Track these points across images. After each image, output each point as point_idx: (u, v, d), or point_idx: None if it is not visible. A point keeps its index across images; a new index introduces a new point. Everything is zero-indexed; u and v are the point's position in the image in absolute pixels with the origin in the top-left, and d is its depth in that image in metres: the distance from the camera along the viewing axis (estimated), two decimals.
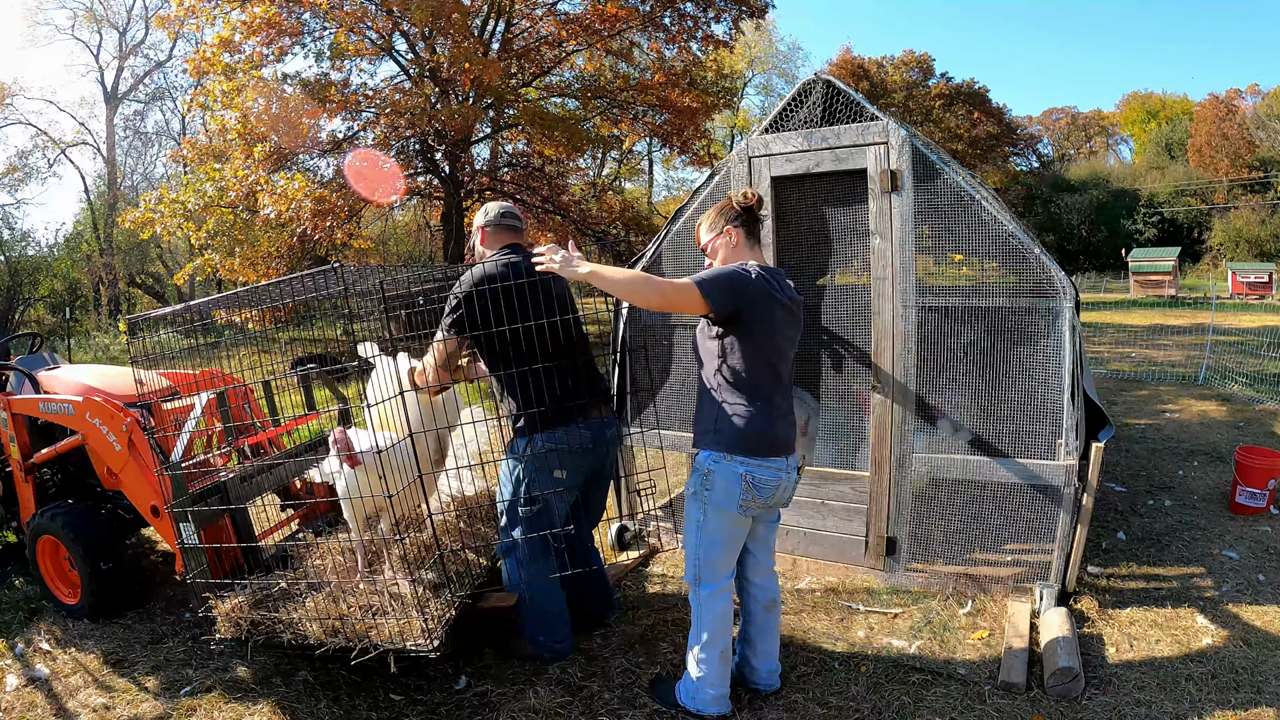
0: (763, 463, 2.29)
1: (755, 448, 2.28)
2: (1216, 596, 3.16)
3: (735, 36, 16.01)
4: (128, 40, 27.27)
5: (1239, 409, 6.51)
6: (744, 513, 2.33)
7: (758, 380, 2.30)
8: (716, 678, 2.43)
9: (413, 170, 14.17)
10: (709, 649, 2.41)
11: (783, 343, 2.34)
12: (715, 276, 2.26)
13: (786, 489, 2.39)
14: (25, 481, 3.58)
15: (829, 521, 3.52)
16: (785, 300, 2.31)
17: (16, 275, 23.09)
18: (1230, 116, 32.37)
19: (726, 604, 2.44)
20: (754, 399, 2.29)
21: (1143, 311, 15.97)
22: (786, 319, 2.32)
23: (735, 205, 2.40)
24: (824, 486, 3.45)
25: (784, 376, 2.38)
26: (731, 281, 2.24)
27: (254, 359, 3.56)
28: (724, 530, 2.36)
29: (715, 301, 2.21)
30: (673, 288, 2.22)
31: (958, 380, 3.51)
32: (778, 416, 2.34)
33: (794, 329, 2.38)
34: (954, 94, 32.59)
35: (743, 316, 2.25)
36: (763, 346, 2.29)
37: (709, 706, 2.44)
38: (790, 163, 3.33)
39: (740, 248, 2.39)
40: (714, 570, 2.40)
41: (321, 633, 2.45)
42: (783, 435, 2.35)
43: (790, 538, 3.55)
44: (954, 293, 3.32)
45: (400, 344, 2.82)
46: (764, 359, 2.30)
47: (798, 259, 3.78)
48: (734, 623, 2.56)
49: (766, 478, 2.30)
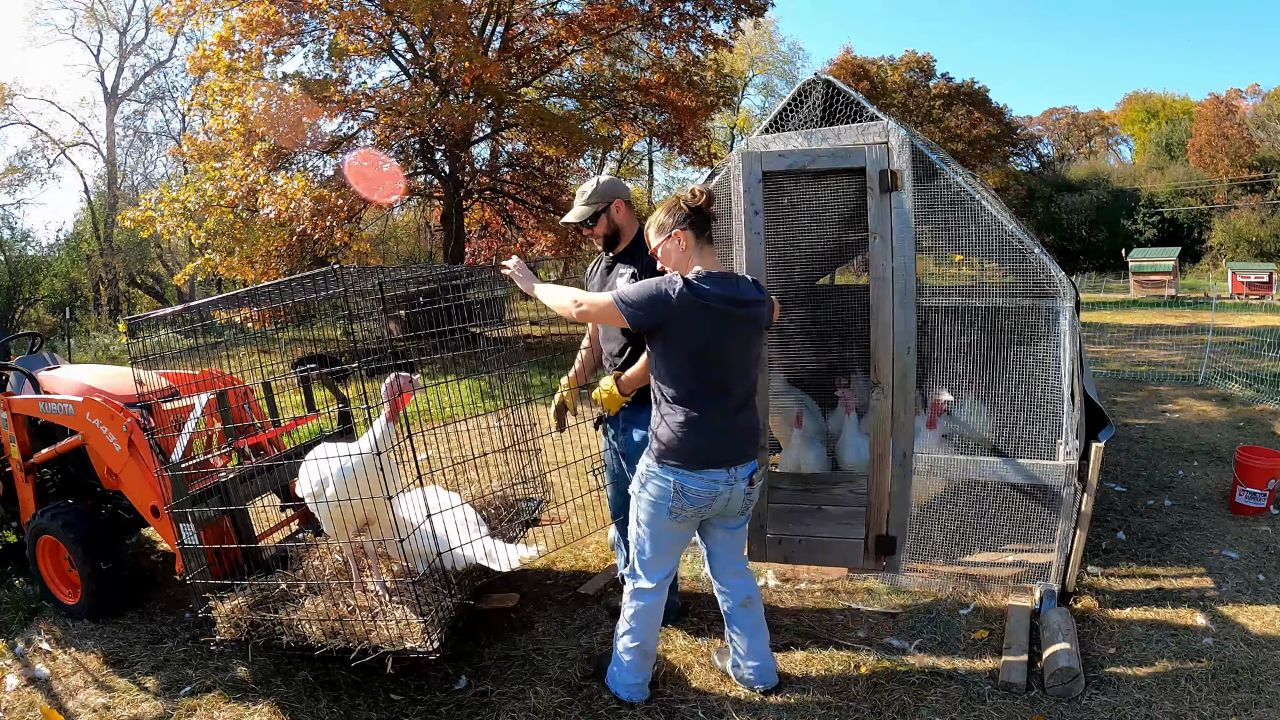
0: (694, 474, 2.29)
1: (686, 459, 2.29)
2: (1216, 596, 3.16)
3: (735, 35, 16.01)
4: (128, 40, 27.27)
5: (1239, 409, 6.51)
6: (675, 519, 2.36)
7: (692, 391, 2.28)
8: (635, 669, 2.55)
9: (413, 170, 14.17)
10: (630, 641, 2.52)
11: (726, 351, 2.28)
12: (634, 293, 2.25)
13: (729, 500, 2.36)
14: (25, 481, 3.58)
15: (826, 527, 3.50)
16: (726, 307, 2.25)
17: (16, 275, 23.10)
18: (1230, 116, 32.36)
19: (653, 604, 2.49)
20: (687, 410, 2.28)
21: (1143, 311, 15.97)
22: (730, 325, 2.26)
23: (683, 205, 2.34)
24: (820, 492, 3.42)
25: (728, 385, 2.31)
26: (650, 299, 2.23)
27: (254, 359, 3.56)
28: (656, 532, 2.42)
29: (632, 318, 2.24)
30: (593, 304, 2.34)
31: (957, 380, 3.51)
32: (715, 428, 2.29)
33: (744, 337, 2.31)
34: (954, 94, 32.57)
35: (667, 331, 2.24)
36: (695, 357, 2.25)
37: (623, 691, 2.58)
38: (787, 160, 3.32)
39: (689, 251, 2.33)
40: (647, 568, 2.48)
41: (321, 634, 2.45)
42: (720, 447, 2.31)
43: (784, 546, 3.47)
44: (954, 293, 3.32)
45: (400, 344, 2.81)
46: (698, 369, 2.27)
47: (797, 259, 3.78)
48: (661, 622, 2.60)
49: (697, 489, 2.30)
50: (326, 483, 2.59)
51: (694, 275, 2.28)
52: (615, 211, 2.78)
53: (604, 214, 2.78)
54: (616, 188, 2.81)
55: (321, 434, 3.61)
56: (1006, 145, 34.66)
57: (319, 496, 2.62)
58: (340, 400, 3.74)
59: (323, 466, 2.62)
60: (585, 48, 14.80)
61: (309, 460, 2.72)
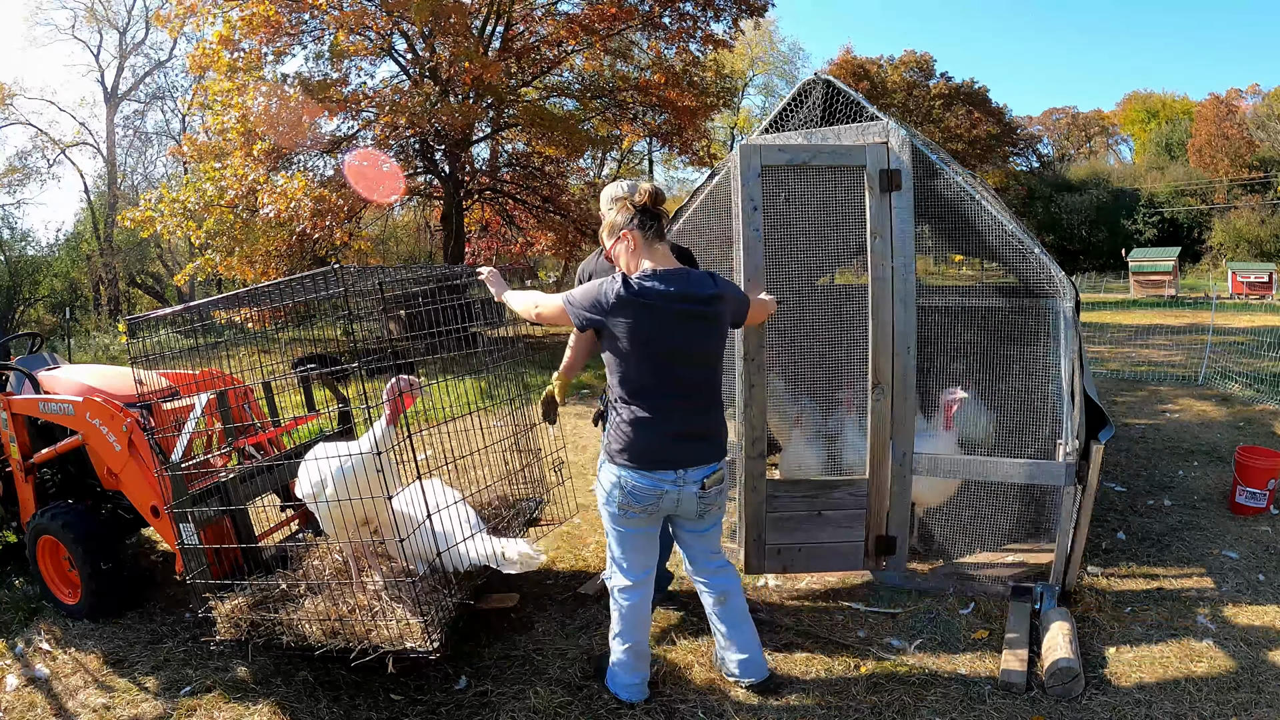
0: (639, 473, 2.31)
1: (632, 458, 2.31)
2: (1216, 596, 3.15)
3: (735, 35, 15.99)
4: (128, 40, 27.25)
5: (1239, 409, 6.51)
6: (625, 515, 2.38)
7: (637, 390, 2.29)
8: (629, 667, 2.56)
9: (413, 170, 14.16)
10: (620, 643, 2.55)
11: (671, 350, 2.26)
12: (579, 295, 2.33)
13: (679, 501, 2.35)
14: (25, 481, 3.58)
15: (826, 532, 3.38)
16: (670, 305, 2.24)
17: (16, 275, 23.10)
18: (1230, 116, 32.35)
19: (634, 603, 2.50)
20: (633, 409, 2.30)
21: (1143, 311, 15.96)
22: (676, 324, 2.25)
23: (630, 206, 2.36)
24: (819, 497, 3.34)
25: (676, 385, 2.30)
26: (592, 300, 2.28)
27: (254, 359, 3.56)
28: (614, 529, 2.46)
29: (576, 318, 2.33)
30: (548, 307, 2.45)
31: (957, 380, 3.51)
32: (661, 428, 2.29)
33: (693, 335, 2.29)
34: (954, 94, 32.57)
35: (609, 331, 2.27)
36: (637, 357, 2.26)
37: (622, 691, 2.59)
38: (783, 154, 3.30)
39: (638, 251, 2.34)
40: (620, 568, 2.50)
41: (321, 634, 2.45)
42: (667, 448, 2.30)
43: (783, 556, 3.34)
44: (954, 293, 3.32)
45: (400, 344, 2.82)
46: (641, 369, 2.27)
47: (796, 259, 3.77)
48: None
49: (643, 486, 2.31)
50: (325, 482, 2.59)
51: (639, 274, 2.29)
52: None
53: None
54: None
55: (321, 434, 3.61)
56: (1006, 145, 34.66)
57: (318, 496, 2.62)
58: (340, 400, 3.74)
59: (322, 466, 2.62)
60: (585, 48, 14.79)
61: (308, 460, 2.72)
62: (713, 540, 2.58)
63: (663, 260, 2.35)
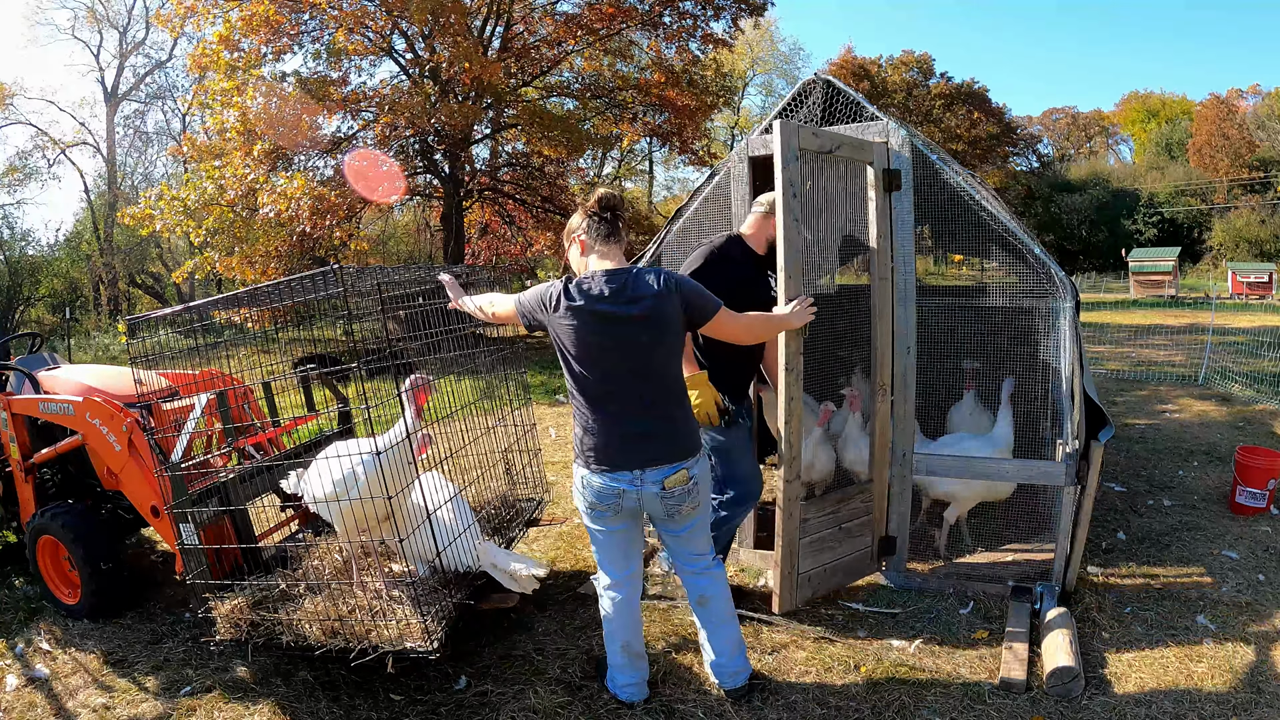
0: (597, 472, 2.34)
1: (587, 458, 2.36)
2: (1216, 596, 3.15)
3: (735, 35, 16.02)
4: (128, 40, 27.23)
5: (1239, 409, 6.51)
6: (594, 515, 2.41)
7: (583, 391, 2.32)
8: (626, 667, 2.56)
9: (413, 170, 14.17)
10: (610, 642, 2.56)
11: (603, 351, 2.25)
12: (527, 296, 2.41)
13: (640, 501, 2.34)
14: (25, 481, 3.58)
15: (845, 545, 3.22)
16: (604, 308, 2.22)
17: (16, 275, 23.07)
18: (1230, 117, 32.35)
19: (617, 603, 2.51)
20: (582, 410, 2.35)
21: (1143, 311, 15.97)
22: (617, 330, 2.23)
23: (584, 213, 2.39)
24: (840, 510, 3.24)
25: (626, 389, 2.28)
26: (535, 302, 2.35)
27: (254, 359, 3.56)
28: (591, 527, 2.49)
29: (523, 319, 2.41)
30: (500, 305, 2.54)
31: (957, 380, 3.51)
32: (609, 429, 2.29)
33: (635, 336, 2.24)
34: (954, 94, 32.57)
35: (550, 332, 2.33)
36: (576, 358, 2.27)
37: (621, 692, 2.60)
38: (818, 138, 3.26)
39: (587, 255, 2.38)
40: (604, 566, 2.54)
41: (321, 634, 2.45)
42: (616, 450, 2.29)
43: (812, 582, 3.13)
44: (954, 293, 3.32)
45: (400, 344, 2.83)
46: (582, 370, 2.28)
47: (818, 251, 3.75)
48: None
49: (602, 485, 2.33)
50: (355, 478, 2.56)
51: (581, 277, 2.31)
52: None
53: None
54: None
55: (322, 434, 3.61)
56: (1006, 145, 34.67)
57: (341, 495, 2.57)
58: (340, 400, 3.74)
59: (344, 464, 2.59)
60: (585, 47, 14.80)
61: (327, 459, 2.68)
62: (693, 542, 2.52)
63: (612, 261, 2.33)
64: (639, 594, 2.59)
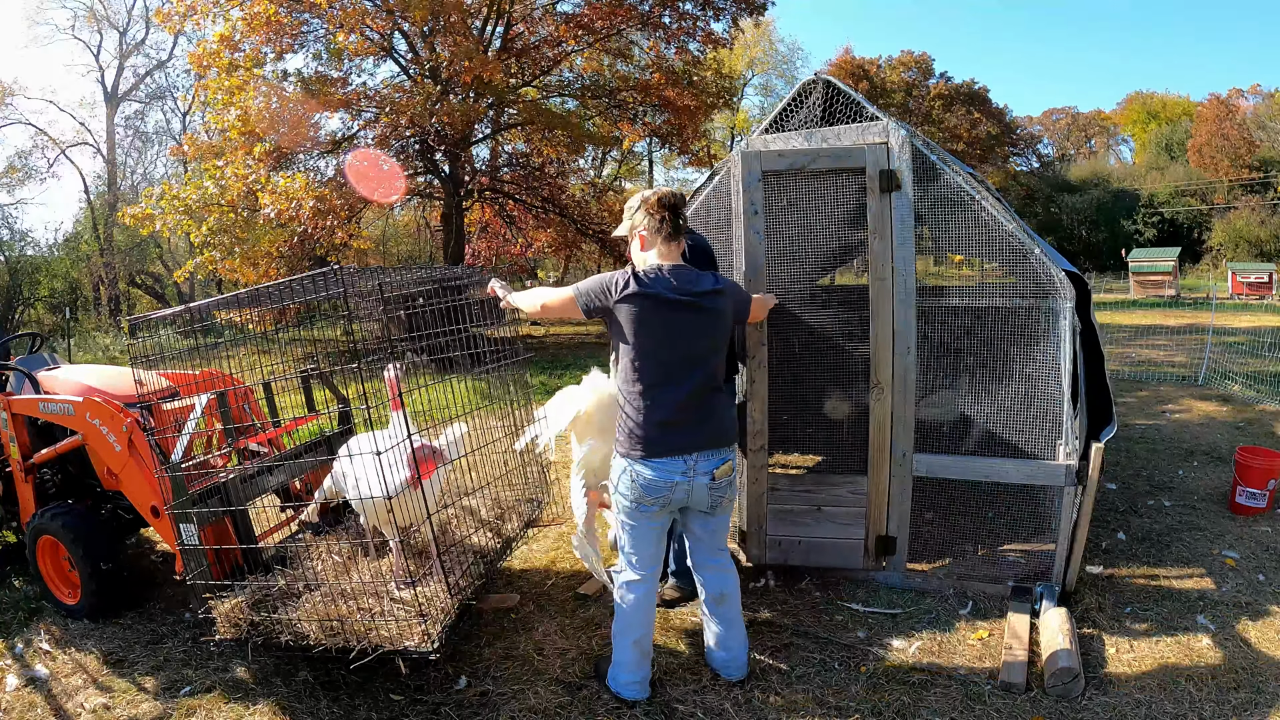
0: (649, 462, 2.38)
1: (638, 447, 2.39)
2: (1216, 596, 3.15)
3: (734, 34, 16.01)
4: (128, 40, 27.26)
5: (1239, 409, 6.51)
6: (640, 509, 2.45)
7: (643, 381, 2.39)
8: (632, 664, 2.57)
9: (413, 170, 14.17)
10: (622, 638, 2.56)
11: (670, 340, 2.38)
12: (588, 284, 2.47)
13: (689, 491, 2.42)
14: (25, 481, 3.58)
15: (826, 528, 3.50)
16: (676, 298, 2.36)
17: (16, 275, 23.07)
18: (1231, 117, 32.35)
19: (639, 597, 2.54)
20: (642, 398, 2.39)
21: (1143, 311, 15.97)
22: (680, 318, 2.37)
23: (645, 209, 2.49)
24: (820, 493, 3.42)
25: (682, 377, 2.39)
26: (601, 288, 2.42)
27: (254, 360, 3.56)
28: (628, 522, 2.50)
29: (584, 306, 2.45)
30: (554, 298, 2.54)
31: (958, 380, 3.51)
32: (668, 418, 2.38)
33: (696, 327, 2.40)
34: (954, 94, 32.61)
35: (615, 318, 2.39)
36: (644, 348, 2.37)
37: (624, 690, 2.60)
38: (788, 161, 3.32)
39: (646, 250, 2.48)
40: (629, 561, 2.54)
41: (321, 634, 2.44)
42: (675, 437, 2.39)
43: (783, 547, 3.43)
44: (954, 293, 3.32)
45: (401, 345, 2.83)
46: (647, 360, 2.37)
47: (797, 259, 3.78)
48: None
49: (654, 477, 2.38)
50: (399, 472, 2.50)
51: (646, 268, 2.42)
52: None
53: None
54: None
55: (322, 434, 3.62)
56: (1006, 145, 34.70)
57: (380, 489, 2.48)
58: (340, 400, 3.74)
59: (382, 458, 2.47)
60: (585, 47, 14.80)
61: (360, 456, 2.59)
62: (720, 536, 2.64)
63: (671, 258, 2.46)
64: (656, 591, 2.64)
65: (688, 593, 3.26)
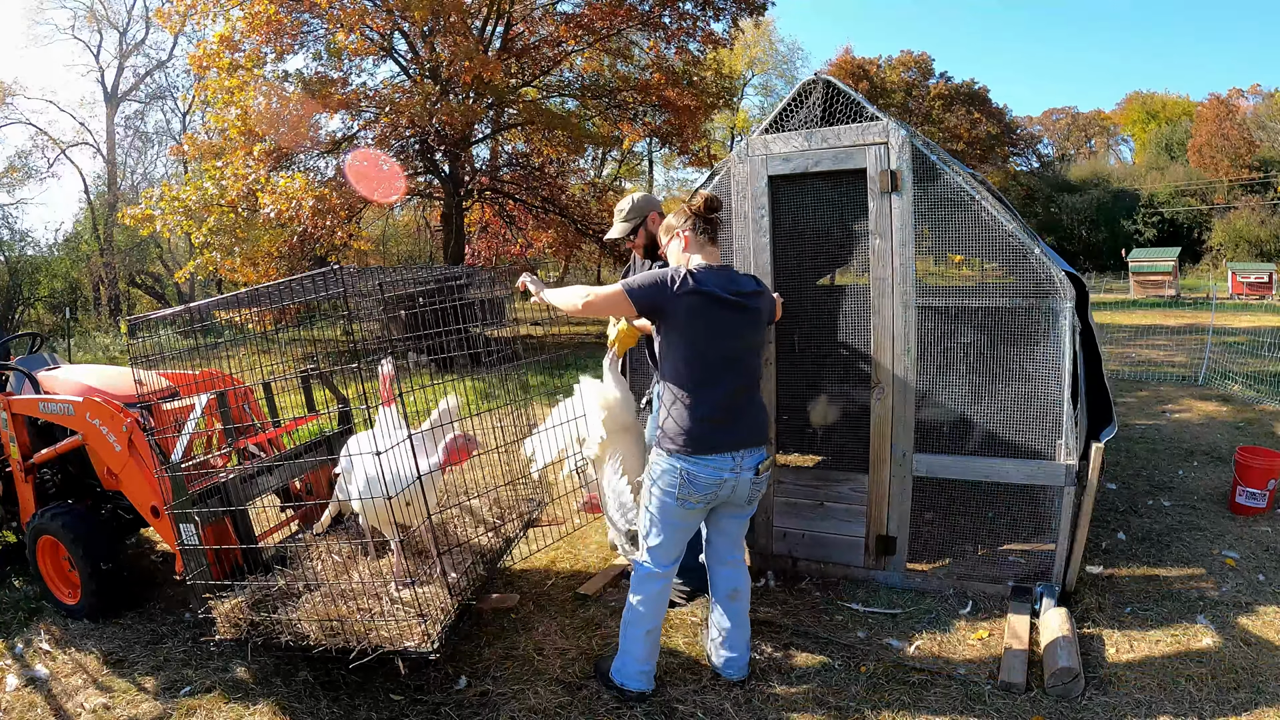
0: (699, 459, 2.39)
1: (690, 445, 2.39)
2: (1216, 596, 3.15)
3: (734, 35, 16.01)
4: (128, 40, 27.25)
5: (1239, 409, 6.51)
6: (684, 507, 2.45)
7: (695, 378, 2.40)
8: (644, 655, 2.58)
9: (413, 170, 14.16)
10: (637, 627, 2.57)
11: (719, 339, 2.40)
12: (640, 281, 2.42)
13: (735, 487, 2.46)
14: (25, 481, 3.58)
15: (828, 523, 3.52)
16: (722, 295, 2.38)
17: (16, 275, 23.08)
18: (1231, 117, 32.36)
19: (661, 588, 2.57)
20: (690, 397, 2.40)
21: (1143, 311, 15.97)
22: (723, 315, 2.39)
23: (688, 210, 2.51)
24: (824, 489, 3.45)
25: (727, 372, 2.42)
26: (654, 285, 2.39)
27: (254, 360, 3.56)
28: (665, 518, 2.50)
29: (637, 303, 2.41)
30: (600, 295, 2.47)
31: (958, 380, 3.50)
32: (719, 415, 2.41)
33: (739, 324, 2.43)
34: (954, 94, 32.62)
35: (668, 317, 2.39)
36: (689, 345, 2.39)
37: (631, 681, 2.59)
38: (789, 162, 3.33)
39: (689, 250, 2.50)
40: (655, 554, 2.55)
41: (321, 634, 2.44)
42: (722, 432, 2.42)
43: (788, 540, 3.55)
44: (954, 293, 3.32)
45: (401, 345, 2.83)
46: (700, 357, 2.39)
47: (798, 259, 3.78)
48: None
49: (703, 475, 2.40)
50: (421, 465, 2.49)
51: (695, 268, 2.43)
52: (651, 223, 3.12)
53: (641, 227, 3.16)
54: (650, 203, 3.19)
55: (322, 434, 3.62)
56: (1006, 145, 34.70)
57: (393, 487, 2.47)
58: (340, 400, 3.74)
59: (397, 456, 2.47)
60: (585, 47, 14.80)
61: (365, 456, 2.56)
62: (743, 531, 2.70)
63: (715, 259, 2.50)
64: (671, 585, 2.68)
65: (688, 594, 3.27)
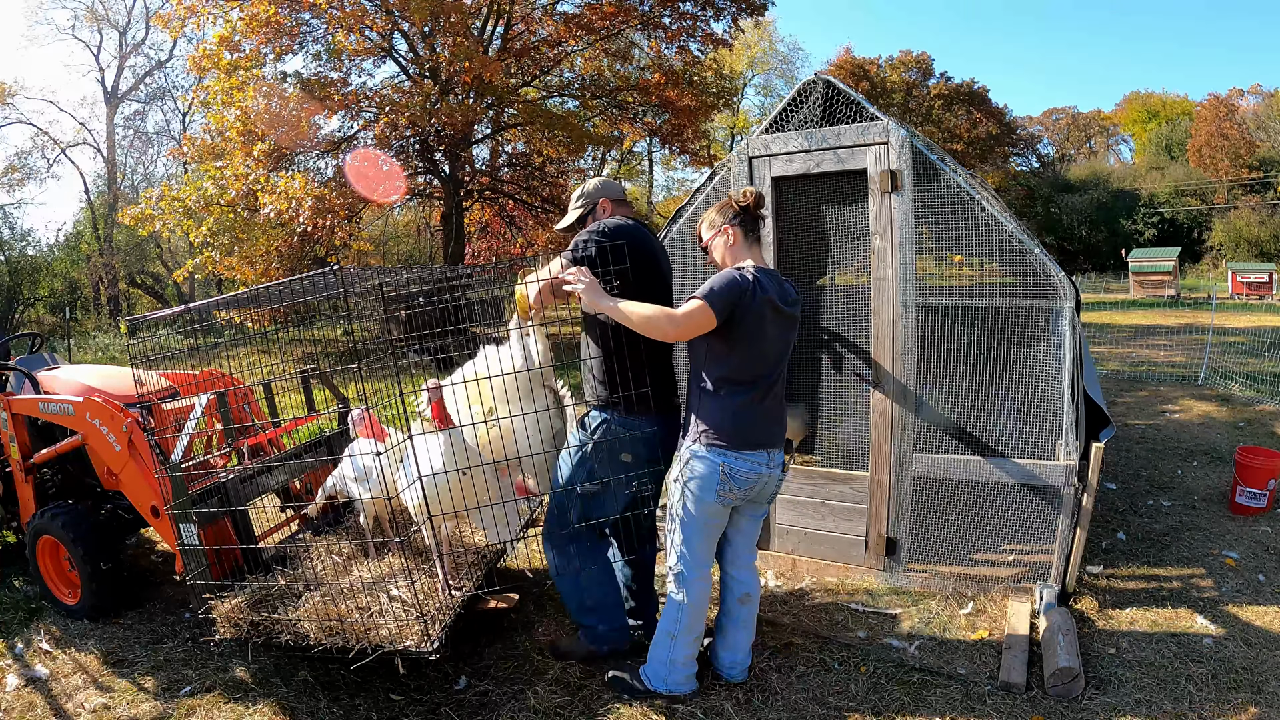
0: (740, 455, 2.39)
1: (733, 441, 2.38)
2: (1216, 596, 3.15)
3: (734, 35, 16.02)
4: (128, 40, 27.25)
5: (1239, 409, 6.51)
6: (721, 502, 2.44)
7: (741, 378, 2.38)
8: (691, 659, 2.58)
9: (413, 170, 14.18)
10: (687, 635, 2.55)
11: (773, 342, 2.40)
12: (720, 287, 2.30)
13: (767, 483, 2.47)
14: (25, 481, 3.58)
15: (829, 521, 3.52)
16: (778, 302, 2.38)
17: (16, 275, 23.09)
18: (1230, 117, 32.36)
19: (703, 591, 2.55)
20: (735, 395, 2.38)
21: (1143, 311, 15.97)
22: (777, 320, 2.39)
23: (734, 204, 2.47)
24: (824, 486, 3.45)
25: (771, 375, 2.43)
26: (731, 287, 2.31)
27: (254, 360, 3.56)
28: (701, 518, 2.47)
29: (720, 310, 2.29)
30: (685, 316, 2.29)
31: (958, 380, 3.50)
32: (760, 413, 2.41)
33: (786, 329, 2.43)
34: (954, 94, 32.59)
35: (735, 319, 2.34)
36: (749, 347, 2.36)
37: (681, 686, 2.59)
38: (791, 163, 3.33)
39: (738, 246, 2.46)
40: (694, 556, 2.53)
41: (320, 633, 2.45)
42: (764, 431, 2.43)
43: (790, 537, 3.56)
44: (954, 293, 3.32)
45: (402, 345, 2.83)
46: (749, 358, 2.38)
47: (798, 259, 3.78)
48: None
49: (744, 470, 2.40)
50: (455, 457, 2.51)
51: (752, 271, 2.38)
52: (601, 210, 2.78)
53: (590, 214, 2.80)
54: (604, 188, 2.84)
55: (322, 434, 3.62)
56: (1006, 145, 34.68)
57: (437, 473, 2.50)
58: (340, 400, 3.74)
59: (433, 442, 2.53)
60: (585, 47, 14.81)
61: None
62: (759, 531, 2.70)
63: (760, 261, 2.46)
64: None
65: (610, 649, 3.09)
